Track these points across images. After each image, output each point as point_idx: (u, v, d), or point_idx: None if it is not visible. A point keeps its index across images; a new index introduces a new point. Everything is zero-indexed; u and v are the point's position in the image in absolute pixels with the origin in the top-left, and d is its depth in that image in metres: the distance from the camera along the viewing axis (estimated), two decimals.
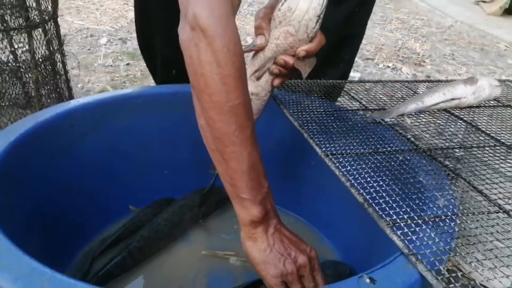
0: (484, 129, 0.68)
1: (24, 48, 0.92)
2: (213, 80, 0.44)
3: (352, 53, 1.01)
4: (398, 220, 0.42)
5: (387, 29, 2.72)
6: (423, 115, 0.73)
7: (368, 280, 0.37)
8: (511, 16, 3.48)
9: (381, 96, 0.81)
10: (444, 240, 0.40)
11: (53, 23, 0.98)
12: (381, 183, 0.49)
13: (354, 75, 1.77)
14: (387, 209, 0.44)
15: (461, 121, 0.71)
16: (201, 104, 0.46)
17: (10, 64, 0.93)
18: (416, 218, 0.43)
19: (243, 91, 0.46)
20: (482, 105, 0.78)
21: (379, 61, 2.00)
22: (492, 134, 0.67)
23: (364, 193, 0.47)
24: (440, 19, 3.25)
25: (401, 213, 0.44)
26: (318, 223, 0.84)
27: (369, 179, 0.50)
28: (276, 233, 0.49)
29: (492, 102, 0.80)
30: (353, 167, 0.52)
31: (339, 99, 0.86)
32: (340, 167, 0.52)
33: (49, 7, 0.99)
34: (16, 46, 0.92)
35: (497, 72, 2.03)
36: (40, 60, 0.95)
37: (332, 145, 0.58)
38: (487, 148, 0.62)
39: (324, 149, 0.57)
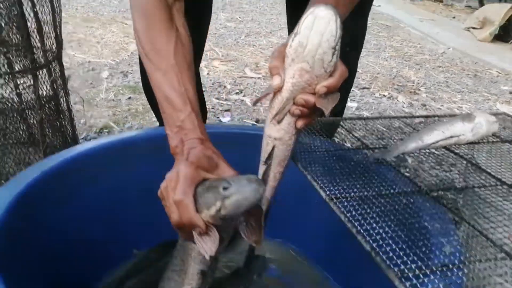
0: (484, 168, 0.69)
1: (29, 89, 0.94)
2: (134, 33, 0.61)
3: (345, 91, 1.03)
4: (406, 270, 0.43)
5: (382, 57, 2.78)
6: (423, 154, 0.74)
7: None
8: (502, 42, 3.57)
9: (379, 134, 0.82)
10: None
11: (57, 63, 1.00)
12: (386, 229, 0.49)
13: (351, 105, 1.79)
14: (395, 258, 0.44)
15: (461, 159, 0.72)
16: None
17: (14, 104, 0.94)
18: (423, 267, 0.43)
19: (148, 42, 0.59)
20: (480, 141, 0.79)
21: (375, 90, 2.04)
22: (492, 173, 0.67)
23: (370, 241, 0.47)
24: (432, 46, 3.33)
25: (408, 262, 0.44)
26: (320, 260, 0.84)
27: (374, 224, 0.50)
28: (177, 163, 0.56)
29: (490, 137, 0.81)
30: (358, 212, 0.53)
31: (339, 136, 0.87)
32: (345, 212, 0.52)
33: (54, 47, 1.02)
34: (21, 88, 0.94)
35: (491, 99, 2.06)
36: (45, 100, 0.96)
37: (336, 188, 0.59)
38: (489, 188, 0.63)
39: (328, 192, 0.57)
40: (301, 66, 0.50)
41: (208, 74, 2.07)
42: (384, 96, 1.96)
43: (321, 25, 0.48)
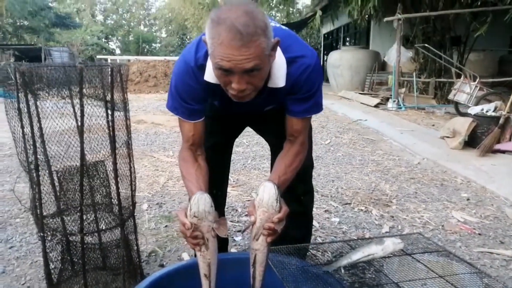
0: (386, 273, 1.20)
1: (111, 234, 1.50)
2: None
3: (306, 229, 1.54)
4: None
5: (364, 172, 3.37)
6: (352, 267, 1.25)
7: None
8: (470, 147, 4.16)
9: (330, 254, 1.35)
10: None
11: (132, 219, 1.58)
12: None
13: (334, 220, 2.31)
14: None
15: (374, 271, 1.23)
16: None
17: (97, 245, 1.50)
18: None
19: (184, 170, 1.21)
20: (391, 256, 1.30)
21: (355, 205, 2.57)
22: (389, 276, 1.18)
23: None
24: (409, 157, 3.92)
25: None
26: None
27: None
28: None
29: (398, 252, 1.32)
30: None
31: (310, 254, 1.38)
32: None
33: (130, 207, 1.61)
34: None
35: (449, 207, 2.56)
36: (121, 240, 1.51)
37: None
38: (388, 285, 1.13)
39: None
40: (262, 210, 1.05)
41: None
42: (361, 210, 2.48)
43: (268, 190, 1.04)
